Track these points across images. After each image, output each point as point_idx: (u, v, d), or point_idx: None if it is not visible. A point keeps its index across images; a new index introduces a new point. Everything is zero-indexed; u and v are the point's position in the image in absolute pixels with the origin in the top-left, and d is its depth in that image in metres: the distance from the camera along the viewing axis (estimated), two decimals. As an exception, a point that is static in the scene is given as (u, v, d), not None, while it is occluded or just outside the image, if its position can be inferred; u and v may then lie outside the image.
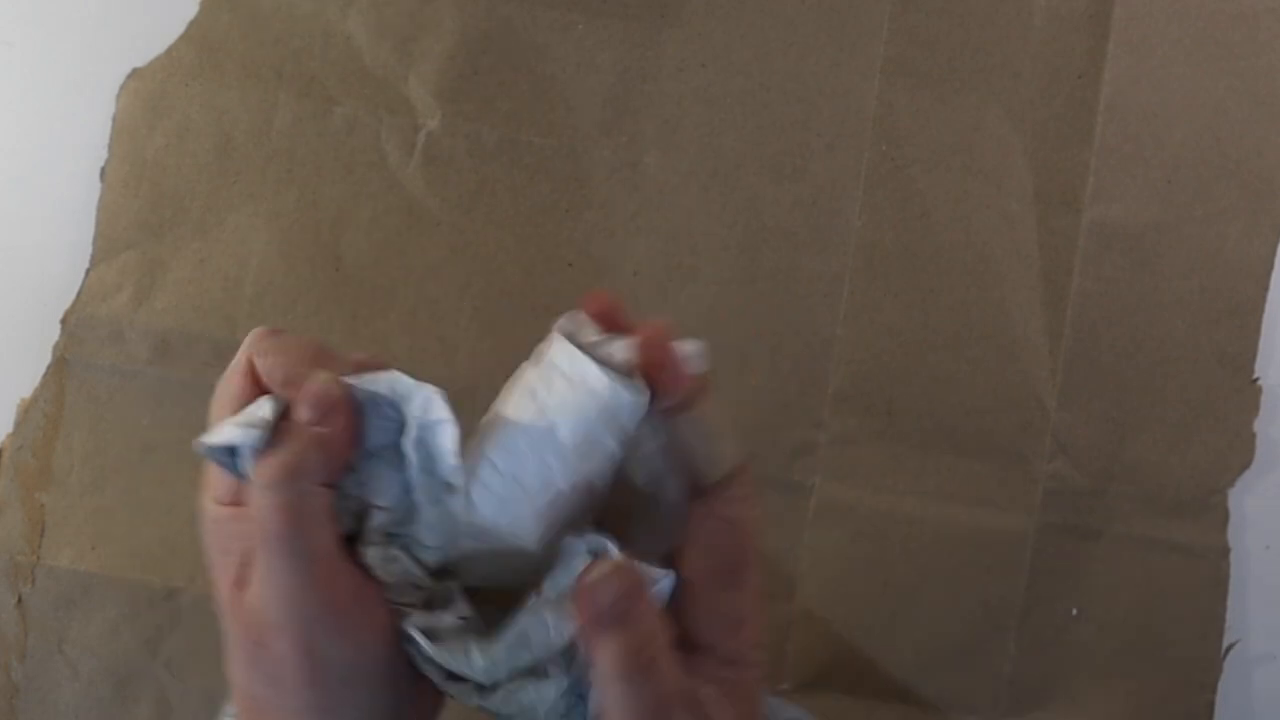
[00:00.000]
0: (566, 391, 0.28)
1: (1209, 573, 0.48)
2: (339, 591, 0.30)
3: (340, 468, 0.31)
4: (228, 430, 0.29)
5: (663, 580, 0.29)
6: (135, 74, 0.49)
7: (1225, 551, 0.48)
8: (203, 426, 0.40)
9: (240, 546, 0.31)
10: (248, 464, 0.29)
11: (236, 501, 0.32)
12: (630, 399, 0.28)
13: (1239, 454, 0.48)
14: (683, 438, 0.31)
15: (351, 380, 0.30)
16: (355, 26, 0.49)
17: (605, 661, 0.29)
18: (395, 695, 0.32)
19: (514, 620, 0.28)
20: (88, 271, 0.49)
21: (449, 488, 0.28)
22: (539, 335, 0.48)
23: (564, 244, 0.49)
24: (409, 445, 0.29)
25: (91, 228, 0.50)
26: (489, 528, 0.29)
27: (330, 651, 0.31)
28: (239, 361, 0.32)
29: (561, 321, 0.30)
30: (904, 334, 0.49)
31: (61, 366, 0.49)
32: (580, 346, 0.29)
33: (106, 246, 0.49)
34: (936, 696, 0.49)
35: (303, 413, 0.30)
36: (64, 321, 0.49)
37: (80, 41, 0.50)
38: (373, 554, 0.29)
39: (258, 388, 0.32)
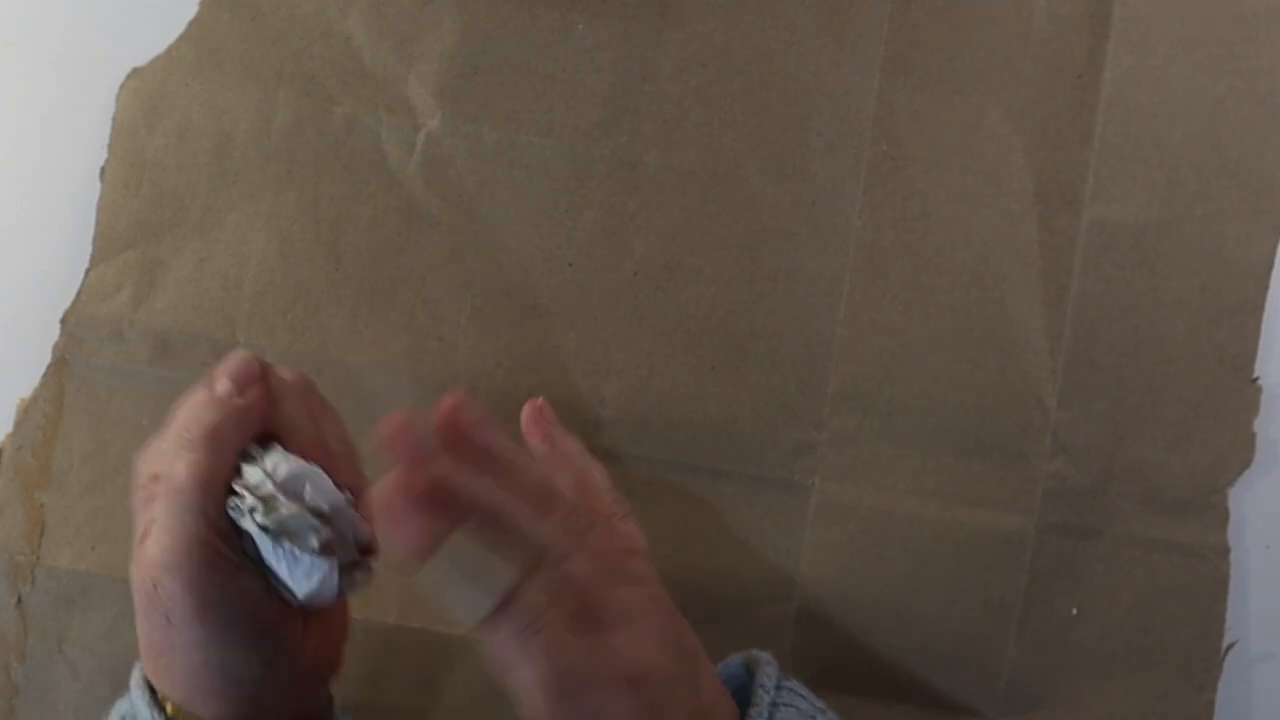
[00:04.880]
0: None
1: (1209, 573, 0.48)
2: (226, 545, 0.36)
3: (251, 437, 0.37)
4: None
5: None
6: (135, 74, 0.49)
7: (1225, 551, 0.48)
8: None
9: (149, 517, 0.37)
10: None
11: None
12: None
13: (1239, 454, 0.48)
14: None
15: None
16: (355, 26, 0.49)
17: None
18: (278, 641, 0.38)
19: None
20: (88, 271, 0.49)
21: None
22: (539, 335, 0.49)
23: (564, 244, 0.49)
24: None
25: (91, 228, 0.50)
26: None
27: (215, 594, 0.36)
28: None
29: None
30: (904, 334, 0.49)
31: (61, 366, 0.49)
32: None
33: (106, 246, 0.49)
34: (936, 696, 0.49)
35: (222, 385, 0.37)
36: (64, 321, 0.49)
37: (80, 41, 0.50)
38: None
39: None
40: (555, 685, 0.33)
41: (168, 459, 0.37)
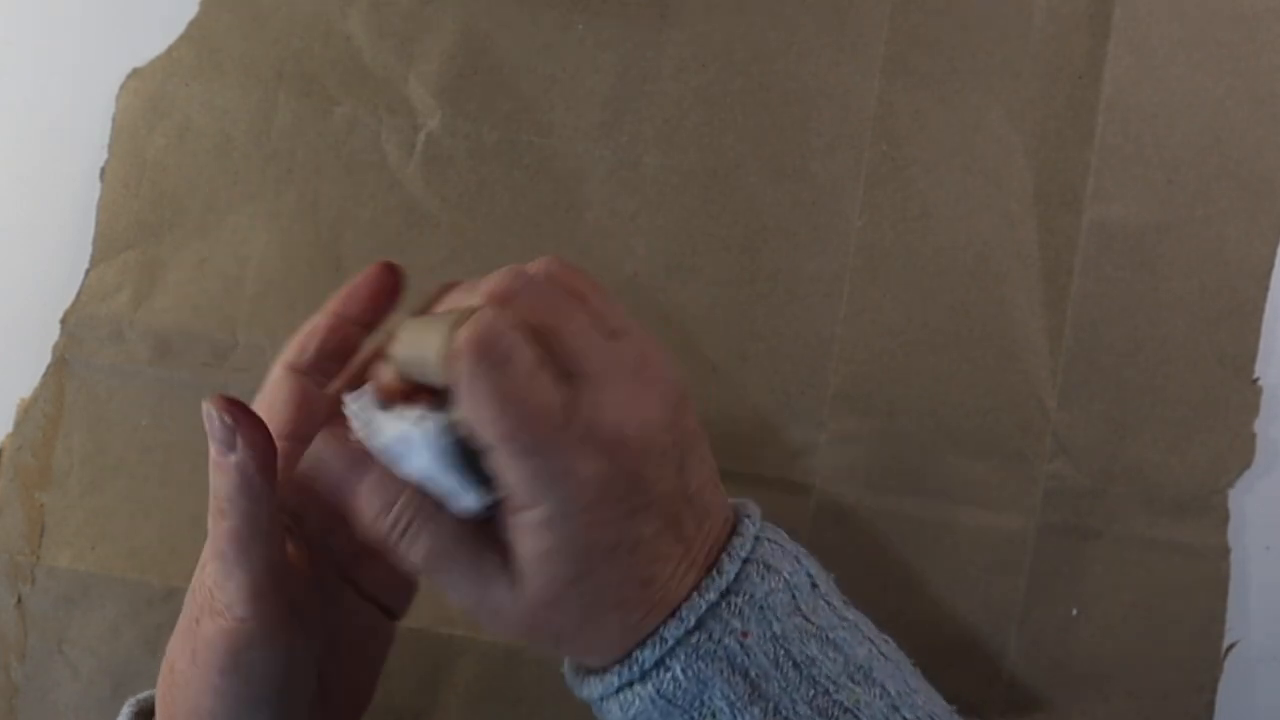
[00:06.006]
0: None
1: (1209, 573, 0.48)
2: (280, 598, 0.35)
3: (267, 478, 0.34)
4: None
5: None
6: (135, 74, 0.49)
7: (1225, 551, 0.48)
8: (203, 426, 0.40)
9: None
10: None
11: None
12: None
13: (1239, 454, 0.48)
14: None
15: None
16: (355, 26, 0.49)
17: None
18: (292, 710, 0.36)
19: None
20: (88, 271, 0.49)
21: None
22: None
23: (564, 244, 0.49)
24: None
25: (91, 228, 0.50)
26: None
27: (246, 650, 0.35)
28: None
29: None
30: (904, 334, 0.49)
31: (61, 366, 0.49)
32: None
33: (106, 246, 0.49)
34: (936, 696, 0.49)
35: (213, 449, 0.34)
36: (64, 321, 0.49)
37: (80, 41, 0.50)
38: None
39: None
40: (511, 438, 0.31)
41: None
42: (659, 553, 0.33)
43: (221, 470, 0.34)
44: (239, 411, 0.34)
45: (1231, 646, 0.48)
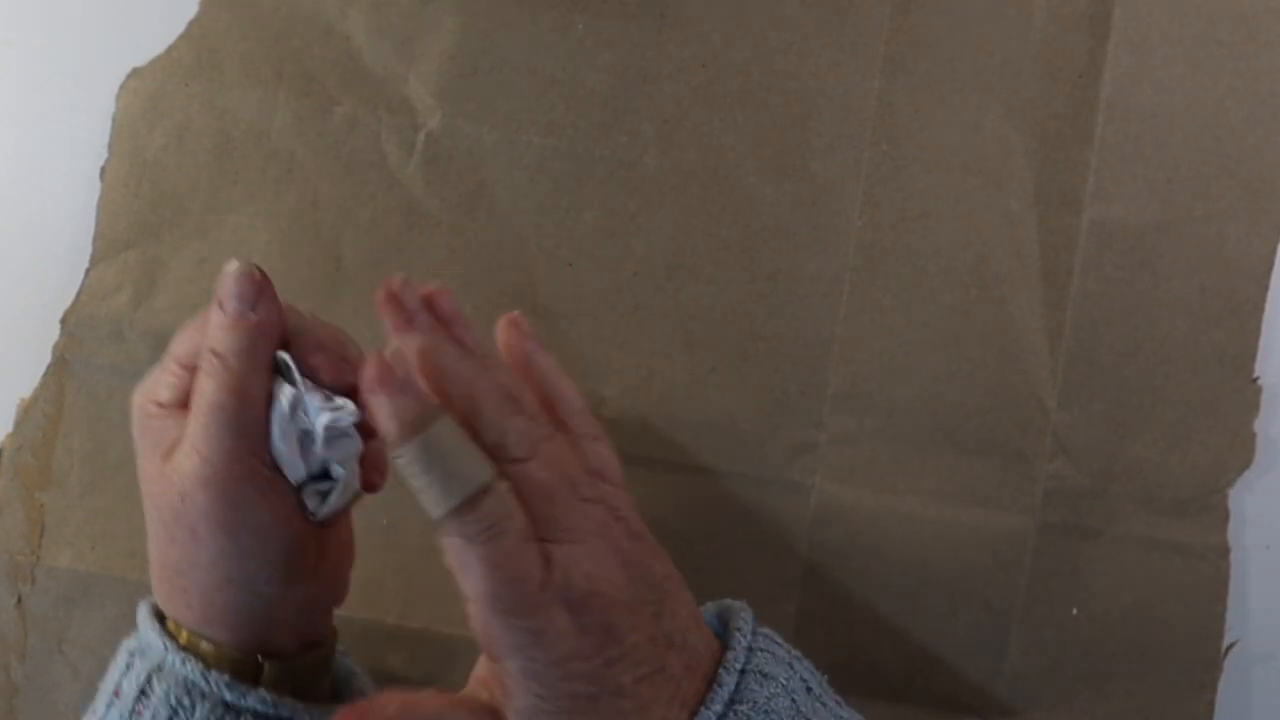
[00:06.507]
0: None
1: (1209, 573, 0.48)
2: (260, 461, 0.36)
3: (273, 349, 0.37)
4: None
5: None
6: (135, 74, 0.49)
7: (1225, 551, 0.48)
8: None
9: (172, 436, 0.37)
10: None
11: (180, 404, 0.37)
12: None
13: (1239, 454, 0.48)
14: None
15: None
16: (355, 26, 0.49)
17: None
18: (298, 560, 0.38)
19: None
20: (88, 271, 0.49)
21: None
22: (539, 335, 0.48)
23: (564, 244, 0.49)
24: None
25: (91, 228, 0.50)
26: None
27: (246, 508, 0.36)
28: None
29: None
30: (904, 334, 0.49)
31: (61, 366, 0.49)
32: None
33: (106, 246, 0.49)
34: (936, 696, 0.49)
35: (232, 305, 0.37)
36: (64, 321, 0.49)
37: (80, 41, 0.50)
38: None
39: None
40: (493, 599, 0.32)
41: (173, 381, 0.38)
42: (646, 696, 0.34)
43: (237, 328, 0.36)
44: (266, 280, 0.37)
45: (1231, 646, 0.48)
